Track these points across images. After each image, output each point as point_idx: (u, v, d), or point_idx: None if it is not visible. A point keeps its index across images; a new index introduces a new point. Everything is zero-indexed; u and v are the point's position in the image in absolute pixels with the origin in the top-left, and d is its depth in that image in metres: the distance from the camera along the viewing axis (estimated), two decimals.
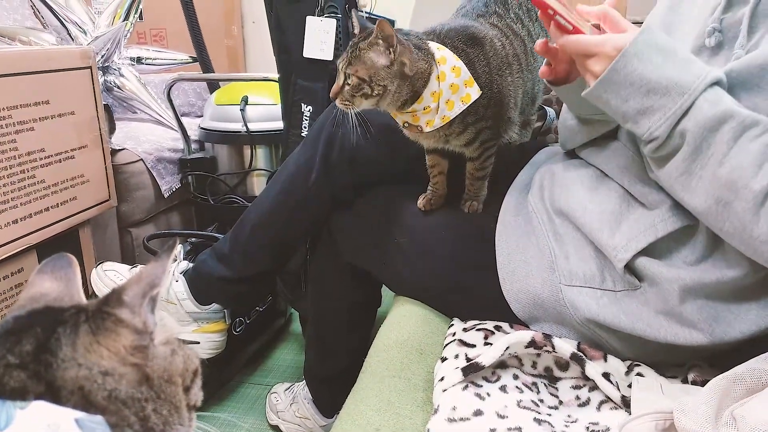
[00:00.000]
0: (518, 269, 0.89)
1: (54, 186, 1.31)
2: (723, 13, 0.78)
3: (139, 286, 0.41)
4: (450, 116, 0.89)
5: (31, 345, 0.37)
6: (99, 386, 0.37)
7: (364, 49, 0.84)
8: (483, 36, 0.93)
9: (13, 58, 1.22)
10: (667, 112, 0.68)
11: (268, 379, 1.56)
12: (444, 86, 0.87)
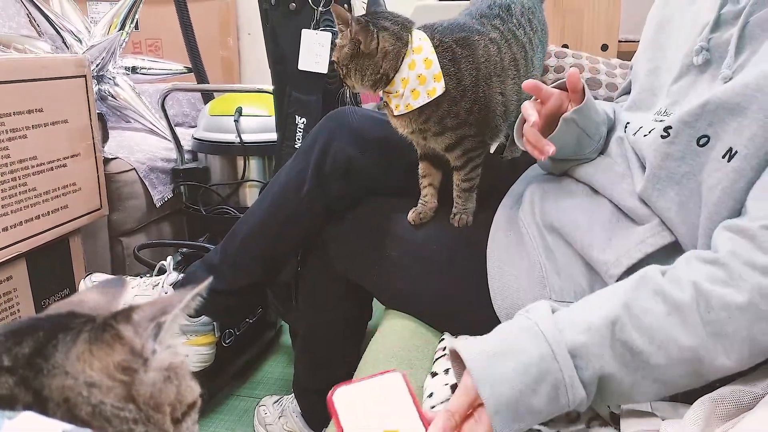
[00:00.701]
0: (509, 284, 0.89)
1: (45, 194, 1.31)
2: (711, 32, 0.80)
3: (152, 309, 0.41)
4: (413, 105, 0.91)
5: (29, 348, 0.37)
6: (84, 399, 0.36)
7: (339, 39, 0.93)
8: (478, 39, 0.93)
9: (7, 66, 1.22)
10: (565, 381, 0.60)
11: (257, 392, 1.55)
12: (412, 75, 0.89)
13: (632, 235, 0.80)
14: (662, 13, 0.95)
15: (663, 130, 0.77)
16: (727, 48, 0.76)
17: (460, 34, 0.93)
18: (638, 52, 0.98)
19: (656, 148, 0.77)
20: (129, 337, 0.40)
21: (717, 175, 0.70)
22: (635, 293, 0.63)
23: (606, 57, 1.36)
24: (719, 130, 0.71)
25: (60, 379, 0.36)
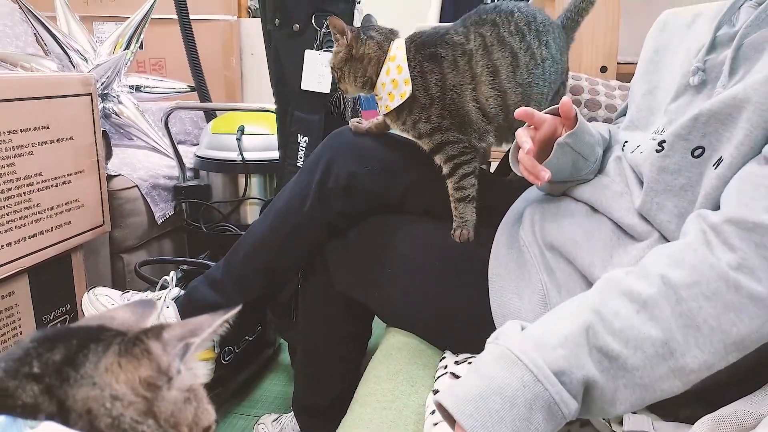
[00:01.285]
0: (510, 302, 0.90)
1: (49, 210, 1.32)
2: (707, 54, 0.82)
3: (182, 329, 0.42)
4: (391, 106, 1.03)
5: (60, 355, 0.38)
6: (106, 411, 0.37)
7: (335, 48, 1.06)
8: (445, 53, 1.01)
9: (16, 84, 1.24)
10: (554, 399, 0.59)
11: (256, 410, 1.55)
12: (387, 79, 1.02)
13: (632, 252, 0.81)
14: (660, 37, 0.98)
15: (657, 145, 0.79)
16: (722, 68, 0.78)
17: (431, 50, 1.01)
18: (636, 75, 1.00)
19: (652, 162, 0.79)
20: (157, 354, 0.41)
21: (710, 184, 0.72)
22: (603, 297, 0.63)
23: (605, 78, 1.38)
24: (713, 140, 0.73)
25: (86, 390, 0.37)
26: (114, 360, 0.39)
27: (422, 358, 0.95)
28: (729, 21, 0.84)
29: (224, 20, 2.56)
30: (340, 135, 1.15)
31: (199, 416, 0.43)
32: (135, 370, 0.39)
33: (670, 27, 0.97)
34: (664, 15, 1.01)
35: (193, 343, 0.42)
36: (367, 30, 1.06)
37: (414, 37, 1.05)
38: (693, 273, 0.60)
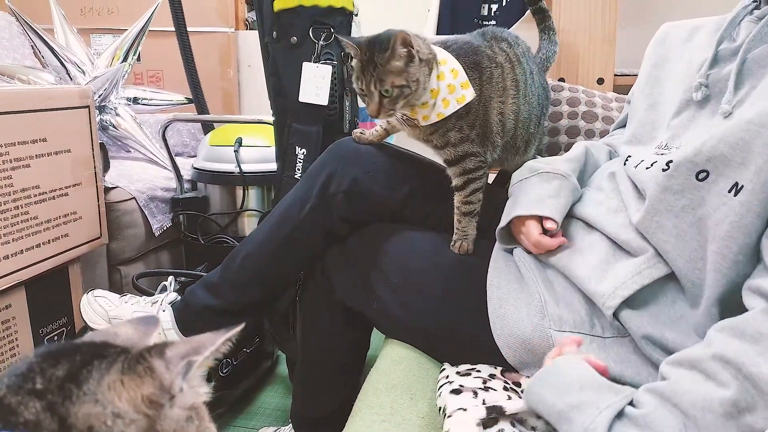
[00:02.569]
0: (509, 314, 0.90)
1: (47, 222, 1.32)
2: (709, 69, 0.82)
3: (185, 347, 0.42)
4: (445, 113, 0.96)
5: (64, 371, 0.38)
6: (107, 429, 0.37)
7: (387, 62, 0.91)
8: (486, 63, 1.00)
9: (13, 97, 1.24)
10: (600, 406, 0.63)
11: (254, 422, 1.54)
12: (442, 85, 0.95)
13: (628, 267, 0.81)
14: (659, 50, 0.99)
15: (665, 164, 0.79)
16: (726, 83, 0.79)
17: (473, 58, 1.00)
18: (636, 88, 1.01)
19: (657, 181, 0.79)
20: (160, 371, 0.40)
21: (723, 210, 0.71)
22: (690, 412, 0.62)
23: (602, 90, 1.39)
24: (719, 164, 0.72)
25: (88, 407, 0.37)
26: (117, 377, 0.39)
27: (421, 370, 0.94)
28: (730, 36, 0.84)
29: (222, 32, 2.57)
30: (343, 143, 1.15)
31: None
32: (138, 387, 0.39)
33: (669, 40, 0.98)
34: (663, 28, 1.02)
35: (195, 361, 0.42)
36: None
37: (445, 45, 1.02)
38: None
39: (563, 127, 1.30)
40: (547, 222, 0.90)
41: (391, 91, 0.92)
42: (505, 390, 0.82)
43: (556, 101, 1.32)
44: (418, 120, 0.98)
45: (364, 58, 0.93)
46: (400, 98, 0.93)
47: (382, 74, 0.91)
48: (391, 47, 0.90)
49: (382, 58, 0.91)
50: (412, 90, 0.93)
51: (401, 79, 0.91)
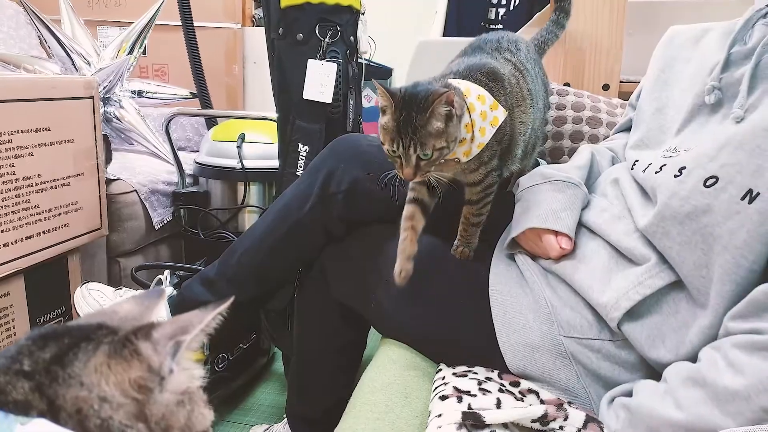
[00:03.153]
0: (515, 320, 0.89)
1: (47, 212, 1.32)
2: (722, 72, 0.82)
3: (172, 327, 0.41)
4: (484, 142, 0.90)
5: (51, 353, 0.37)
6: (94, 412, 0.36)
7: (427, 124, 0.82)
8: (502, 72, 0.95)
9: (18, 85, 1.24)
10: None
11: (248, 418, 1.53)
12: (475, 116, 0.88)
13: (630, 277, 0.80)
14: (667, 53, 0.98)
15: (677, 170, 0.78)
16: (739, 87, 0.78)
17: (487, 70, 0.93)
18: (643, 92, 1.00)
19: (667, 186, 0.78)
20: (147, 354, 0.39)
21: (738, 218, 0.69)
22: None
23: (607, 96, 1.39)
24: (732, 171, 0.71)
25: (74, 390, 0.36)
26: (103, 360, 0.38)
27: (417, 369, 0.94)
28: (742, 39, 0.84)
29: (228, 28, 2.57)
30: (344, 141, 1.15)
31: (192, 420, 0.42)
32: (124, 371, 0.38)
33: (677, 43, 0.98)
34: (671, 30, 1.01)
35: (184, 341, 0.41)
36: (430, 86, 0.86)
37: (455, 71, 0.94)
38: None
39: (567, 131, 1.30)
40: (563, 240, 0.89)
41: (431, 154, 0.84)
42: (500, 391, 0.82)
43: (561, 105, 1.32)
44: (458, 159, 0.90)
45: (400, 118, 0.83)
46: (439, 159, 0.85)
47: (423, 137, 0.82)
48: (431, 107, 0.81)
49: (422, 119, 0.81)
50: (450, 149, 0.85)
51: (442, 141, 0.83)
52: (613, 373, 0.82)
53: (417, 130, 0.82)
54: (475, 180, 0.96)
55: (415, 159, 0.84)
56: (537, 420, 0.74)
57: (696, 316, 0.75)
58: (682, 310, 0.77)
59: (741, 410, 0.62)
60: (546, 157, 1.32)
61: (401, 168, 0.86)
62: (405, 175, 0.85)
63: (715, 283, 0.72)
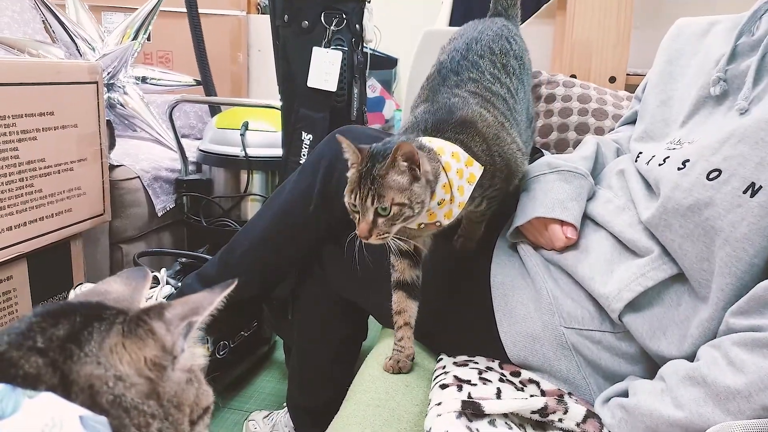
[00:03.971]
0: (516, 311, 0.89)
1: (51, 196, 1.32)
2: (728, 64, 0.81)
3: (183, 308, 0.42)
4: (464, 201, 0.84)
5: (64, 331, 0.38)
6: (108, 389, 0.37)
7: (386, 175, 0.76)
8: (471, 115, 0.87)
9: (22, 68, 1.24)
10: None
11: (249, 405, 1.54)
12: (452, 175, 0.81)
13: (632, 268, 0.80)
14: (674, 45, 0.97)
15: (681, 163, 0.78)
16: (744, 79, 0.77)
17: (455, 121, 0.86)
18: (648, 84, 1.00)
19: (669, 179, 0.78)
20: (161, 333, 0.40)
21: (739, 211, 0.69)
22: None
23: (614, 89, 1.38)
24: (735, 164, 0.71)
25: (90, 368, 0.37)
26: (118, 341, 0.39)
27: (417, 358, 0.94)
28: (749, 30, 0.83)
29: (233, 15, 2.56)
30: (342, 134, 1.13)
31: (199, 397, 0.43)
32: (140, 350, 0.39)
33: (684, 35, 0.97)
34: (678, 23, 1.01)
35: (196, 322, 0.42)
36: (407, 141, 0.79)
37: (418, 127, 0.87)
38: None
39: (573, 123, 1.29)
40: (568, 230, 0.89)
41: (390, 209, 0.77)
42: (501, 381, 0.82)
43: (567, 97, 1.31)
44: (440, 222, 0.84)
45: (363, 168, 0.78)
46: (398, 220, 0.77)
47: (381, 189, 0.76)
48: (393, 157, 0.75)
49: (382, 169, 0.76)
50: (414, 213, 0.78)
51: (402, 197, 0.76)
52: (613, 364, 0.82)
53: (375, 180, 0.76)
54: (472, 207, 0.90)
55: (373, 214, 0.77)
56: (536, 412, 0.74)
57: (697, 309, 0.75)
58: (684, 303, 0.77)
59: (741, 408, 0.62)
60: (551, 148, 1.31)
61: (358, 224, 0.79)
62: (360, 231, 0.79)
63: (716, 276, 0.71)
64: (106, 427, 0.34)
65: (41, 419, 0.31)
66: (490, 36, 0.98)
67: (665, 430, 0.68)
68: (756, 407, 0.61)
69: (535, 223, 0.93)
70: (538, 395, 0.80)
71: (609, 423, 0.74)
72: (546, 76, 1.37)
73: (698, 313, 0.75)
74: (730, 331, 0.69)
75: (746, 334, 0.65)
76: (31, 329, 0.38)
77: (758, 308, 0.66)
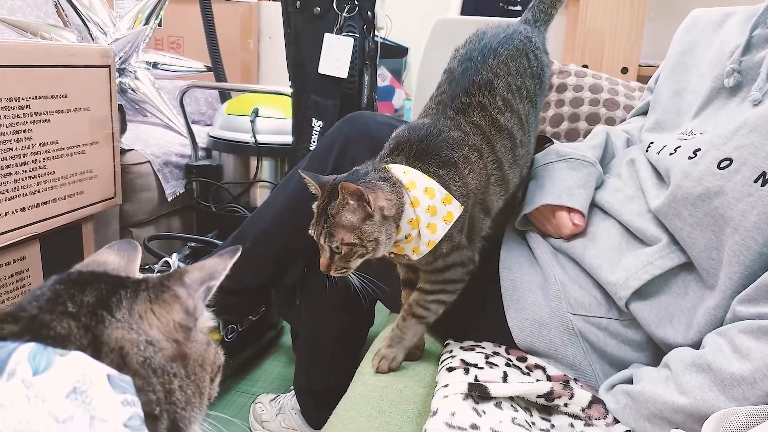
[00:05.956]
0: (524, 297, 0.89)
1: (63, 178, 1.33)
2: (742, 55, 0.81)
3: (200, 273, 0.44)
4: (435, 239, 0.79)
5: (93, 298, 0.40)
6: (139, 352, 0.39)
7: (337, 214, 0.74)
8: (458, 155, 0.81)
9: (37, 51, 1.24)
10: None
11: (256, 389, 1.56)
12: (420, 211, 0.77)
13: (640, 256, 0.81)
14: (688, 37, 0.97)
15: (692, 152, 0.78)
16: (759, 70, 0.77)
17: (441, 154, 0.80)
18: (661, 75, 1.00)
19: (680, 167, 0.78)
20: (183, 297, 0.42)
21: (749, 200, 0.69)
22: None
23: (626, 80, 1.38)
24: (746, 153, 0.71)
25: (122, 332, 0.39)
26: (146, 307, 0.41)
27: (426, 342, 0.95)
28: (764, 22, 0.83)
29: (244, 2, 2.56)
30: (353, 120, 1.13)
31: (216, 356, 0.46)
32: (168, 314, 0.41)
33: (699, 26, 0.97)
34: (693, 14, 1.00)
35: (213, 286, 0.44)
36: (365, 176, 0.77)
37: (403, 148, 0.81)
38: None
39: (584, 113, 1.29)
40: (576, 216, 0.90)
41: (341, 249, 0.75)
42: (507, 366, 0.83)
43: (578, 87, 1.31)
44: (407, 256, 0.81)
45: (321, 204, 0.77)
46: (352, 258, 0.76)
47: (332, 228, 0.75)
48: (340, 196, 0.73)
49: (334, 207, 0.74)
50: (368, 250, 0.76)
51: (352, 236, 0.74)
52: (619, 351, 0.83)
53: (328, 218, 0.75)
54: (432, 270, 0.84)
55: (329, 250, 0.76)
56: (542, 396, 0.75)
57: (704, 298, 0.76)
58: (691, 292, 0.78)
59: (746, 395, 0.63)
60: (561, 138, 1.31)
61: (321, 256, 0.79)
62: (321, 264, 0.78)
63: (724, 265, 0.72)
64: (130, 386, 0.35)
65: (73, 375, 0.33)
66: (510, 51, 0.88)
67: (669, 416, 0.68)
68: (761, 394, 0.62)
69: (543, 210, 0.93)
70: (544, 380, 0.81)
71: (613, 409, 0.75)
72: (558, 66, 1.37)
73: (705, 301, 0.75)
74: (736, 318, 0.69)
75: (752, 321, 0.66)
76: (60, 296, 0.40)
77: (766, 296, 0.66)
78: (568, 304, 0.86)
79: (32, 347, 0.33)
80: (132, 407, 0.34)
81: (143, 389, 0.37)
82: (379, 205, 0.74)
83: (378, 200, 0.74)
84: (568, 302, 0.86)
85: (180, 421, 0.40)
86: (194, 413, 0.42)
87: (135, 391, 0.35)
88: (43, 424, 0.31)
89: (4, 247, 1.22)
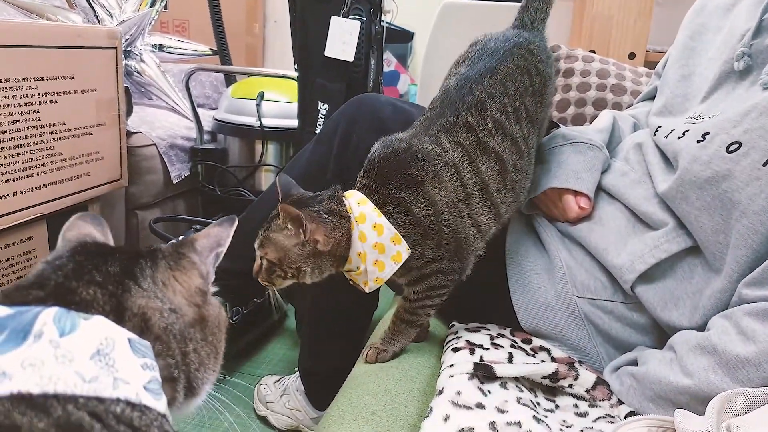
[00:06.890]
0: (530, 280, 0.90)
1: (70, 159, 1.33)
2: (753, 38, 0.81)
3: (209, 240, 0.47)
4: (383, 277, 0.78)
5: (117, 268, 0.41)
6: (162, 318, 0.40)
7: (274, 231, 0.76)
8: (425, 172, 0.77)
9: (44, 32, 1.24)
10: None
11: (260, 371, 1.57)
12: (367, 247, 0.76)
13: (646, 240, 0.81)
14: (698, 20, 0.97)
15: (700, 136, 0.78)
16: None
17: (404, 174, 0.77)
18: (669, 59, 0.99)
19: (688, 151, 0.78)
20: (198, 263, 0.45)
21: (758, 184, 0.69)
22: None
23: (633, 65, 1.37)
24: (756, 136, 0.70)
25: (145, 300, 0.40)
26: (168, 274, 0.43)
27: (431, 324, 0.96)
28: None
29: None
30: (357, 103, 1.13)
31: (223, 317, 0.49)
32: (189, 280, 0.44)
33: (708, 10, 0.96)
34: None
35: (221, 252, 0.47)
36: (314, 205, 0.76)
37: (370, 173, 0.80)
38: None
39: (590, 98, 1.29)
40: (582, 200, 0.90)
41: (264, 260, 0.76)
42: (512, 347, 0.83)
43: (585, 72, 1.31)
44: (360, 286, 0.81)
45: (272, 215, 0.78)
46: (272, 275, 0.77)
47: (265, 239, 0.76)
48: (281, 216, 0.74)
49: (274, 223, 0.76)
50: (287, 276, 0.76)
51: (276, 256, 0.75)
52: (624, 334, 0.83)
53: (267, 229, 0.77)
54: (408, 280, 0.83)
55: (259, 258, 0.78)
56: (547, 377, 0.76)
57: (710, 281, 0.76)
58: (697, 275, 0.78)
59: (750, 377, 0.63)
60: (568, 123, 1.31)
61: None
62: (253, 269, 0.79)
63: (731, 249, 0.72)
64: (149, 351, 0.36)
65: (97, 338, 0.35)
66: (509, 70, 0.84)
67: (673, 397, 0.69)
68: (765, 375, 0.62)
69: (550, 193, 0.93)
70: (549, 362, 0.82)
71: (618, 390, 0.76)
72: (565, 50, 1.37)
73: (711, 284, 0.75)
74: (742, 301, 0.69)
75: (758, 304, 0.66)
76: (84, 266, 0.41)
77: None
78: (574, 287, 0.86)
79: (56, 311, 0.34)
80: (151, 371, 0.35)
81: (162, 354, 0.39)
82: (315, 238, 0.74)
83: (316, 233, 0.74)
84: (574, 285, 0.86)
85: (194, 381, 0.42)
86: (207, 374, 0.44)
87: (154, 356, 0.36)
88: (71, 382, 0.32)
89: (12, 227, 1.23)
